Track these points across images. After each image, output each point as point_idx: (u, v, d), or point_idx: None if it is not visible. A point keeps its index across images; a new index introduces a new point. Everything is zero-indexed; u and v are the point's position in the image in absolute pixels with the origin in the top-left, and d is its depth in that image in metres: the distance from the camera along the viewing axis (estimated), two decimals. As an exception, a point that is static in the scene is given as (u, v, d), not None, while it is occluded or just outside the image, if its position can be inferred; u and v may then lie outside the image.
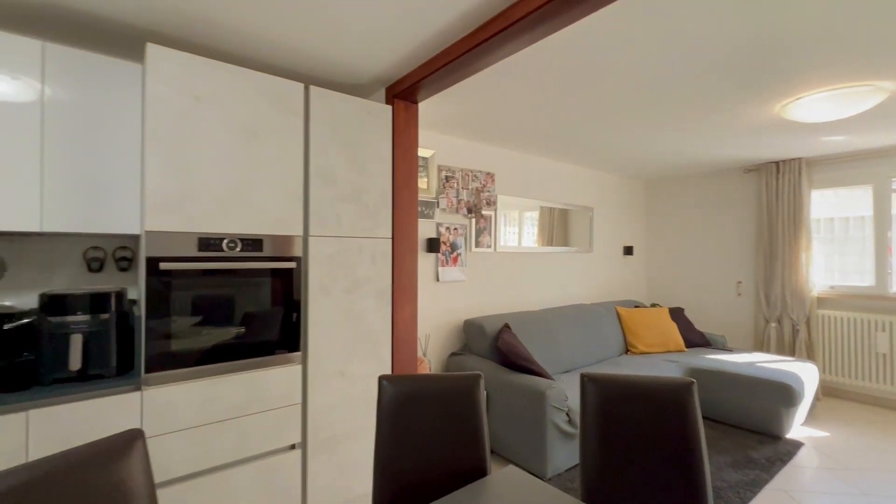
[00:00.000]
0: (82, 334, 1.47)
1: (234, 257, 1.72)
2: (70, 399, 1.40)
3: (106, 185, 1.64)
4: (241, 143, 1.73)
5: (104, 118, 1.64)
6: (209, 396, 1.65)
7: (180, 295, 1.61)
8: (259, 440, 1.76)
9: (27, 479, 0.73)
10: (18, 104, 1.49)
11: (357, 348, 2.04)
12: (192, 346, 1.62)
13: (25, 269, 1.76)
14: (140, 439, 0.84)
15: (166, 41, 1.81)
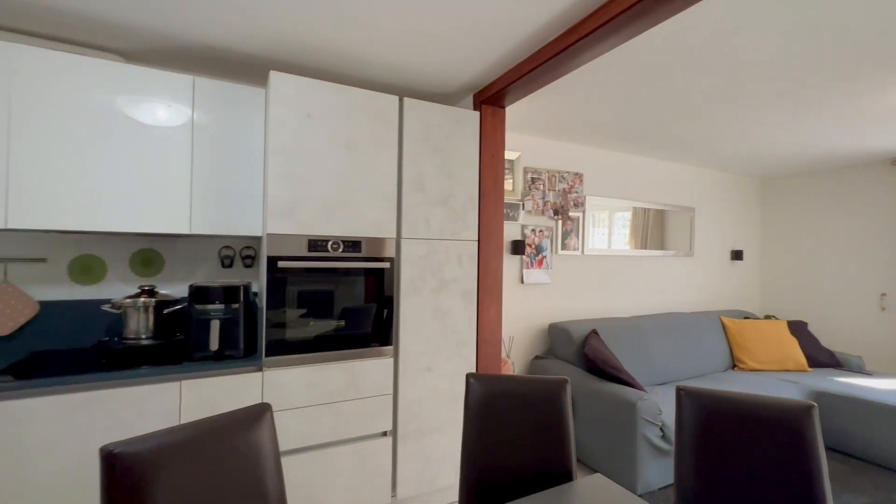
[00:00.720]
0: (219, 320, 1.75)
1: (337, 257, 1.91)
2: (211, 374, 1.67)
3: (235, 194, 1.93)
4: (343, 154, 1.91)
5: (235, 137, 1.92)
6: (314, 381, 1.85)
7: (293, 290, 1.83)
8: (355, 424, 1.93)
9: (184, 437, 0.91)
10: (174, 128, 1.81)
11: (443, 346, 2.14)
12: (300, 335, 1.84)
13: (178, 265, 2.13)
14: (268, 412, 1.00)
15: (285, 67, 2.06)
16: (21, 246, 1.85)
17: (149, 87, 1.76)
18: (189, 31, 1.76)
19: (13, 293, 1.79)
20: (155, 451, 0.81)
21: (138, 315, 1.81)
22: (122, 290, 2.01)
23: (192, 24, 1.70)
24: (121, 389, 1.53)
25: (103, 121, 1.69)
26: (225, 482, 0.89)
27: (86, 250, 1.95)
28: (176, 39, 1.83)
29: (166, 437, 0.85)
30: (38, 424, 1.43)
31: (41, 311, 1.86)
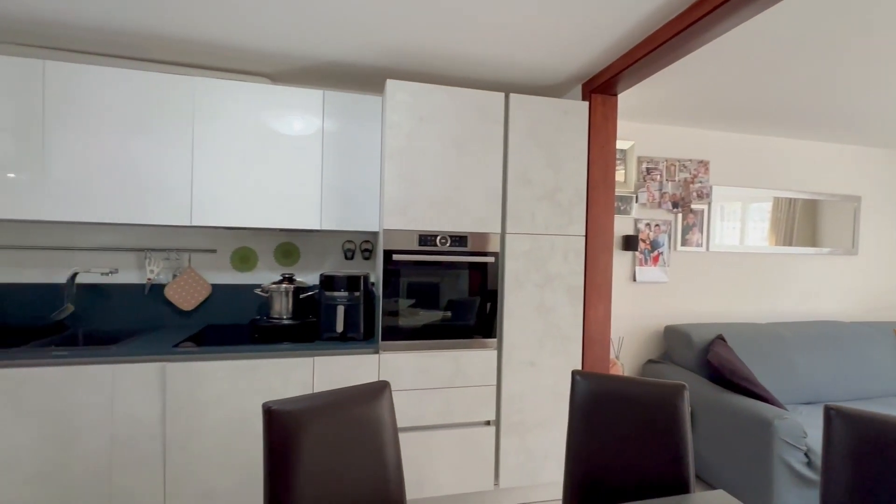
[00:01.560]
0: (344, 306, 1.98)
1: (444, 251, 2.01)
2: (337, 353, 1.90)
3: (356, 193, 2.14)
4: (451, 153, 2.00)
5: (356, 142, 2.13)
6: (423, 367, 1.98)
7: (405, 281, 1.98)
8: (460, 411, 2.02)
9: (322, 402, 1.06)
10: (307, 137, 2.08)
11: (546, 341, 2.12)
12: (411, 323, 1.98)
13: (310, 256, 2.45)
14: (387, 388, 1.11)
15: (400, 75, 2.23)
16: (199, 239, 2.31)
17: (289, 103, 2.05)
18: (320, 52, 2.00)
19: (194, 277, 2.25)
20: (301, 411, 0.97)
21: (281, 299, 2.13)
22: (269, 277, 2.38)
23: (322, 44, 1.93)
24: (269, 360, 1.83)
25: (255, 135, 2.02)
26: (353, 443, 1.02)
27: (243, 243, 2.36)
28: (310, 60, 2.10)
29: (308, 401, 1.01)
30: (212, 382, 1.78)
31: (213, 292, 2.30)
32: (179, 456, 1.75)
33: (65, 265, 2.14)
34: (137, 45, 1.98)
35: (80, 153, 1.86)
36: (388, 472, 1.04)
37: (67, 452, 1.65)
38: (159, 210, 1.93)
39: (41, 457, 1.63)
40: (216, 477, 1.78)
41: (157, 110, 1.92)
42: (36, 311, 2.10)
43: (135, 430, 1.71)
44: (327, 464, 0.98)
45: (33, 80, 1.82)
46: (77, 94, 1.85)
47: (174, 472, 1.74)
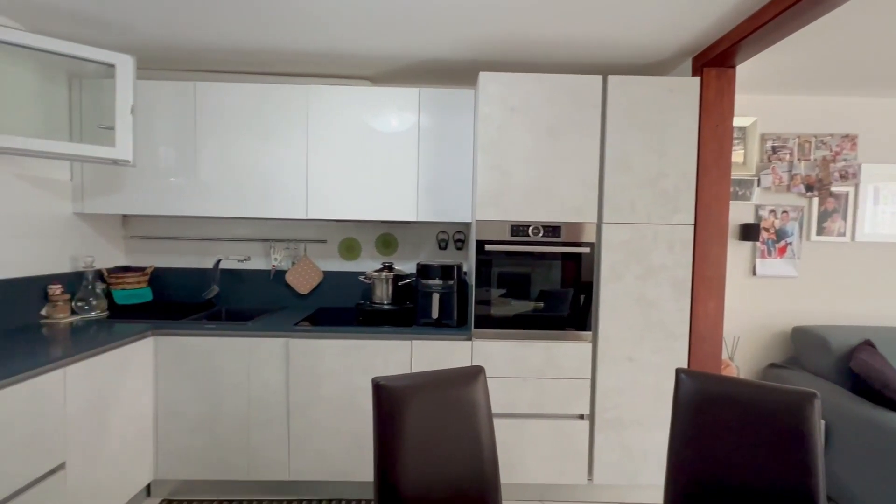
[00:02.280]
0: (438, 294, 2.08)
1: (537, 242, 2.00)
2: (433, 338, 2.01)
3: (449, 185, 2.22)
4: (545, 142, 1.97)
5: (449, 135, 2.20)
6: (515, 356, 2.00)
7: (497, 271, 2.01)
8: (552, 403, 2.01)
9: (423, 382, 1.14)
10: (405, 133, 2.20)
11: (647, 336, 2.00)
12: (503, 312, 2.01)
13: (407, 246, 2.60)
14: (482, 373, 1.17)
15: (492, 66, 2.24)
16: (313, 231, 2.58)
17: (388, 103, 2.18)
18: (416, 51, 2.10)
19: (309, 265, 2.53)
20: (404, 388, 1.07)
21: (382, 285, 2.31)
22: (371, 265, 2.58)
23: (418, 44, 2.02)
24: (372, 341, 2.00)
25: (358, 134, 2.19)
26: (450, 422, 1.10)
27: (349, 234, 2.58)
28: (406, 60, 2.21)
29: (411, 380, 1.10)
30: (326, 358, 2.00)
31: (324, 278, 2.57)
32: (300, 419, 2.01)
33: (211, 253, 2.56)
34: (262, 60, 2.26)
35: (220, 158, 2.19)
36: (482, 452, 1.10)
37: (218, 408, 2.00)
38: (280, 205, 2.21)
39: (199, 410, 2.00)
40: (329, 441, 2.01)
41: (278, 117, 2.18)
42: (191, 291, 2.55)
43: (266, 393, 2.00)
44: (427, 438, 1.06)
45: (187, 99, 2.18)
46: (217, 108, 2.18)
47: (296, 432, 2.01)
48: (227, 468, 2.01)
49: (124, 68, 1.97)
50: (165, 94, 2.17)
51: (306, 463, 2.02)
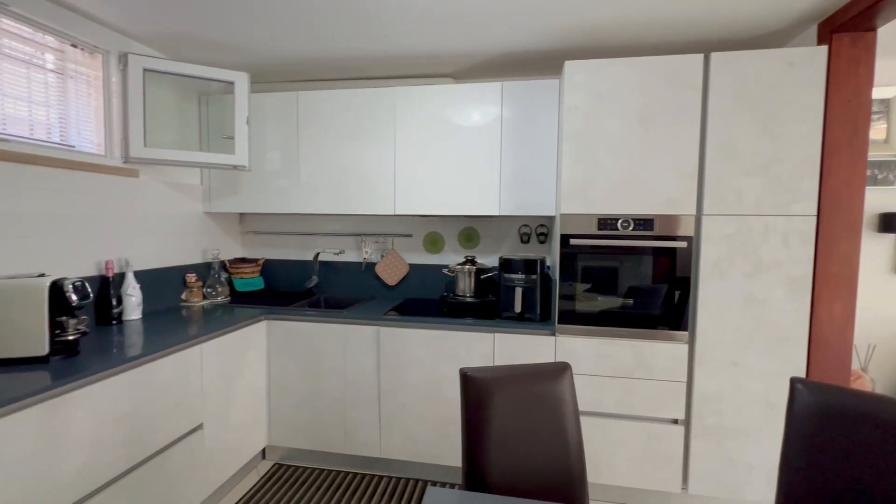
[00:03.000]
0: (521, 288, 2.08)
1: (626, 235, 1.90)
2: (516, 331, 2.02)
3: (532, 178, 2.19)
4: (635, 130, 1.86)
5: (532, 128, 2.17)
6: (601, 353, 1.94)
7: (582, 265, 1.95)
8: (642, 404, 1.92)
9: (507, 374, 1.17)
10: (486, 128, 2.22)
11: (755, 340, 1.81)
12: (589, 308, 1.95)
13: (489, 240, 2.63)
14: (569, 370, 1.16)
15: (578, 54, 2.16)
16: (399, 226, 2.72)
17: (471, 98, 2.22)
18: (499, 45, 2.09)
19: (396, 258, 2.67)
20: (490, 379, 1.10)
21: (465, 278, 2.37)
22: (454, 258, 2.66)
23: (502, 37, 2.02)
24: (457, 332, 2.07)
25: (442, 131, 2.25)
26: (536, 416, 1.11)
27: (433, 228, 2.68)
28: (489, 54, 2.21)
29: (497, 371, 1.13)
30: (413, 347, 2.11)
31: (410, 270, 2.70)
32: (390, 402, 2.15)
33: (311, 247, 2.82)
34: (354, 67, 2.42)
35: (318, 160, 2.40)
36: (569, 449, 1.09)
37: (319, 386, 2.22)
38: (371, 202, 2.36)
39: (303, 387, 2.23)
40: (416, 424, 2.13)
41: (367, 120, 2.33)
42: (294, 281, 2.84)
43: (360, 376, 2.17)
44: (513, 430, 1.09)
45: (290, 108, 2.42)
46: (315, 114, 2.38)
47: (386, 414, 2.16)
48: (327, 441, 2.23)
49: (241, 84, 2.24)
50: (273, 105, 2.43)
51: (395, 443, 2.16)
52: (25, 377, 1.27)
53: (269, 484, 2.14)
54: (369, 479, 2.19)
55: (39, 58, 1.78)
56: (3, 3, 1.59)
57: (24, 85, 1.72)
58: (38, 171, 1.70)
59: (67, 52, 1.88)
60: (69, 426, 1.28)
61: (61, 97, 1.86)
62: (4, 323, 1.36)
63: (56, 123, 1.84)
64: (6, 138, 1.63)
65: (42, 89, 1.79)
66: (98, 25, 1.94)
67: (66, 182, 1.80)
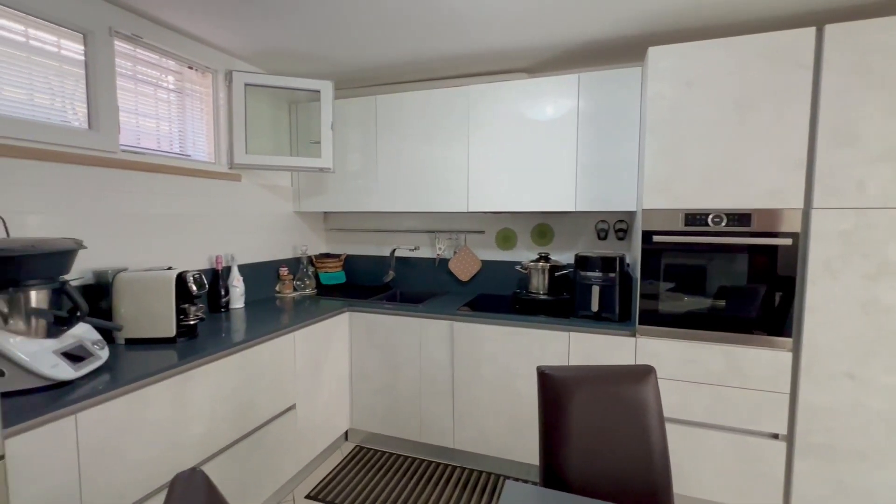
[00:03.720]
0: (599, 286, 2.01)
1: (719, 232, 1.76)
2: (593, 331, 1.96)
3: (611, 172, 2.10)
4: (731, 117, 1.70)
5: (611, 119, 2.08)
6: (688, 357, 1.82)
7: (667, 263, 1.84)
8: (736, 414, 1.77)
9: (586, 374, 1.15)
10: (562, 121, 2.16)
11: (878, 351, 1.59)
12: (674, 308, 1.84)
13: (563, 237, 2.57)
14: (653, 374, 1.11)
15: (663, 38, 2.03)
16: (472, 222, 2.76)
17: (546, 92, 2.18)
18: (577, 35, 2.03)
19: (469, 254, 2.71)
20: (570, 378, 1.09)
21: (538, 275, 2.34)
22: (526, 255, 2.63)
23: (580, 27, 1.95)
24: (530, 329, 2.06)
25: (516, 127, 2.24)
26: (617, 420, 1.08)
27: (505, 225, 2.68)
28: (565, 46, 2.15)
29: (576, 371, 1.12)
30: (486, 342, 2.14)
31: (482, 267, 2.73)
32: (463, 396, 2.20)
33: (388, 243, 2.96)
34: (429, 68, 2.48)
35: (394, 160, 2.50)
36: (653, 456, 1.05)
37: (395, 376, 2.33)
38: (444, 200, 2.42)
39: (382, 376, 2.36)
40: (488, 418, 2.16)
41: (441, 119, 2.38)
42: (373, 275, 3.00)
43: (434, 369, 2.25)
44: (593, 432, 1.07)
45: (369, 112, 2.55)
46: (392, 117, 2.49)
47: (459, 407, 2.21)
48: (403, 428, 2.34)
49: (326, 92, 2.41)
50: (353, 110, 2.58)
51: (468, 434, 2.21)
52: (160, 354, 1.50)
53: (351, 464, 2.30)
54: (443, 468, 2.26)
55: (164, 80, 2.05)
56: (137, 35, 1.86)
57: (152, 104, 2.00)
58: (163, 179, 1.97)
59: (185, 73, 2.16)
60: (193, 398, 1.49)
61: (180, 113, 2.13)
62: (142, 308, 1.61)
63: (176, 136, 2.12)
64: (141, 151, 1.92)
65: (165, 107, 2.07)
66: (209, 48, 2.19)
67: (184, 187, 2.07)
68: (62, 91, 1.64)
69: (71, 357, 1.25)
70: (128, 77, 1.87)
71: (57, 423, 1.11)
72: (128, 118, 1.87)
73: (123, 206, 1.80)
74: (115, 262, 1.77)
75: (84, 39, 1.69)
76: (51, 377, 1.17)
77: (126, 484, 1.29)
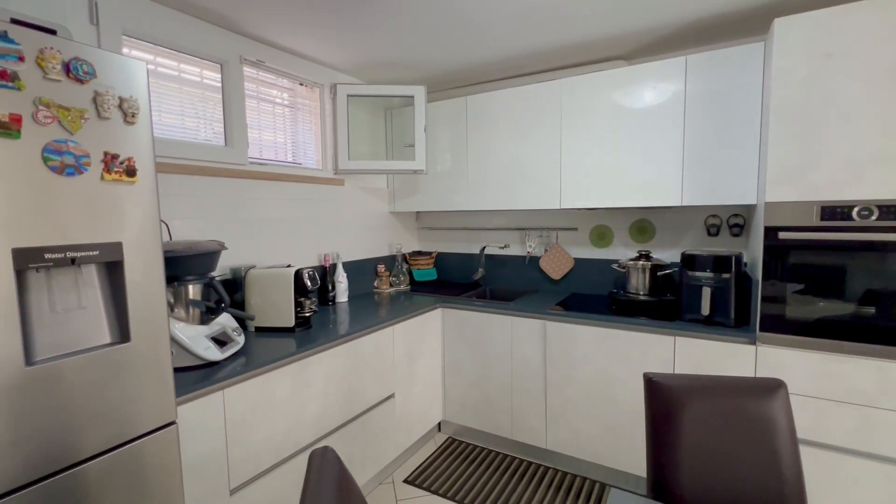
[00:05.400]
0: (710, 288, 1.84)
1: (866, 227, 1.50)
2: (703, 336, 1.80)
3: (724, 161, 1.90)
4: (880, 90, 1.44)
5: (725, 102, 1.88)
6: (825, 372, 1.58)
7: (796, 263, 1.62)
8: (889, 441, 1.50)
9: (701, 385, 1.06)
10: (666, 109, 2.00)
11: None
12: (805, 315, 1.61)
13: (666, 233, 2.38)
14: (783, 388, 0.99)
15: (786, 8, 1.78)
16: (564, 219, 2.68)
17: (645, 78, 2.03)
18: (683, 13, 1.86)
19: (561, 252, 2.64)
20: (681, 388, 1.02)
21: (637, 275, 2.20)
22: (623, 253, 2.49)
23: (685, 4, 1.79)
24: (629, 332, 1.95)
25: (612, 118, 2.12)
26: (738, 437, 0.99)
27: (600, 221, 2.56)
28: (670, 27, 1.98)
29: (689, 380, 1.04)
30: (580, 343, 2.08)
31: (575, 265, 2.64)
32: (556, 396, 2.16)
33: (477, 241, 3.00)
34: (520, 64, 2.46)
35: (484, 159, 2.52)
36: (783, 483, 0.94)
37: (486, 371, 2.37)
38: (535, 197, 2.38)
39: (474, 371, 2.41)
40: (582, 420, 2.10)
41: (532, 115, 2.34)
42: (463, 272, 3.06)
43: (525, 367, 2.24)
44: (709, 450, 0.99)
45: (459, 112, 2.60)
46: (482, 116, 2.51)
47: (552, 407, 2.18)
48: (495, 424, 2.37)
49: (419, 97, 2.51)
50: (445, 111, 2.65)
51: (561, 436, 2.17)
52: (283, 342, 1.70)
53: (444, 454, 2.39)
54: (535, 468, 2.25)
55: (280, 97, 2.30)
56: (261, 60, 2.11)
57: (270, 119, 2.26)
58: (282, 186, 2.22)
59: (297, 90, 2.40)
60: (310, 382, 1.67)
61: (293, 125, 2.38)
62: (268, 301, 1.84)
63: (290, 147, 2.37)
64: (264, 162, 2.18)
65: (281, 121, 2.32)
66: (316, 64, 2.41)
67: (299, 193, 2.31)
68: (204, 114, 1.93)
69: (217, 341, 1.47)
70: (251, 97, 2.13)
71: (210, 397, 1.33)
72: (251, 133, 2.13)
73: (250, 210, 2.07)
74: (246, 260, 2.04)
75: (221, 69, 1.96)
76: (204, 357, 1.40)
77: (259, 453, 1.49)
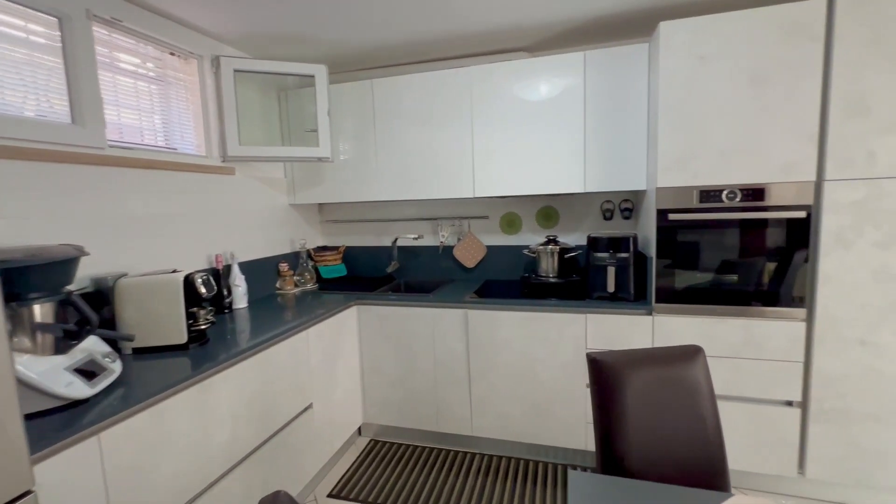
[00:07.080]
0: (613, 267, 2.01)
1: (733, 207, 1.77)
2: (610, 311, 1.96)
3: (619, 152, 2.09)
4: (745, 92, 1.70)
5: (618, 97, 2.05)
6: (703, 333, 1.85)
7: (681, 241, 1.85)
8: (751, 385, 1.81)
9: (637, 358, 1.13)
10: (567, 101, 2.12)
11: (889, 318, 1.65)
12: (689, 286, 1.85)
13: (569, 219, 2.55)
14: (702, 353, 1.11)
15: (670, 13, 2.00)
16: (475, 208, 2.71)
17: (549, 71, 2.13)
18: (581, 10, 1.97)
19: (473, 240, 2.67)
20: (620, 363, 1.08)
21: (547, 258, 2.32)
22: (532, 238, 2.61)
23: (582, 2, 1.90)
24: (545, 314, 2.05)
25: (519, 108, 2.19)
26: (672, 401, 1.08)
27: (510, 209, 2.64)
28: (569, 23, 2.09)
29: (626, 355, 1.11)
30: (502, 329, 2.12)
31: (487, 252, 2.69)
32: (480, 383, 2.19)
33: (388, 233, 2.88)
34: (426, 49, 2.39)
35: (393, 147, 2.42)
36: (708, 435, 1.06)
37: (410, 367, 2.29)
38: (448, 186, 2.36)
39: (395, 368, 2.32)
40: (507, 404, 2.16)
41: (442, 103, 2.30)
42: (375, 266, 2.93)
43: (449, 358, 2.22)
44: (650, 417, 1.07)
45: (365, 96, 2.44)
46: (391, 101, 2.39)
47: (477, 395, 2.20)
48: (419, 418, 2.31)
49: (320, 77, 2.29)
50: (348, 95, 2.46)
51: (487, 422, 2.20)
52: (174, 363, 1.41)
53: (368, 458, 2.27)
54: (462, 456, 2.26)
55: (143, 67, 1.90)
56: (117, 18, 1.70)
57: (132, 94, 1.85)
58: (155, 175, 1.84)
59: (166, 60, 2.00)
60: (214, 407, 1.41)
61: (163, 103, 1.98)
62: (148, 315, 1.51)
63: (160, 128, 1.97)
64: (130, 146, 1.78)
65: (147, 97, 1.91)
66: (192, 31, 2.03)
67: (178, 184, 1.94)
68: (34, 83, 1.49)
69: (84, 373, 1.15)
70: (105, 66, 1.71)
71: (80, 446, 1.03)
72: (107, 111, 1.72)
73: (116, 206, 1.68)
74: (113, 267, 1.65)
75: (60, 24, 1.53)
76: (66, 396, 1.08)
77: (158, 503, 1.22)
